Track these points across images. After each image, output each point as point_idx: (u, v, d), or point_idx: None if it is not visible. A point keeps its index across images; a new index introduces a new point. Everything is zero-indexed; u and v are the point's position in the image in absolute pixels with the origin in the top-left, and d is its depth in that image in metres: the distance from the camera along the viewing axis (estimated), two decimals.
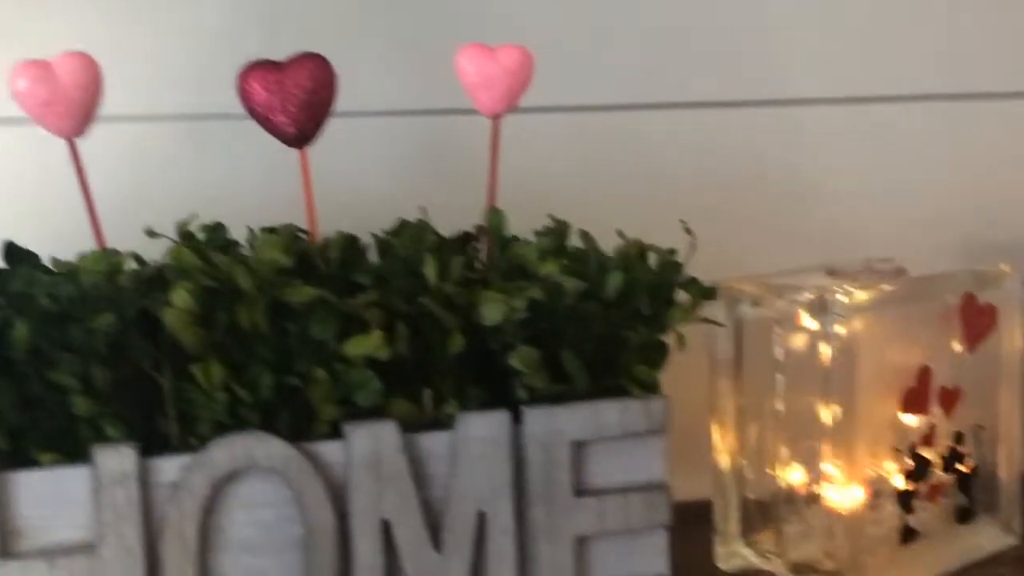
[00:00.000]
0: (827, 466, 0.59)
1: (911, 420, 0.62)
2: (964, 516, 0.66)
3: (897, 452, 0.61)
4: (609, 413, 0.58)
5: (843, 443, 0.58)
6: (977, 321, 0.65)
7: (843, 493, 0.59)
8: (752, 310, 0.63)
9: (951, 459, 0.65)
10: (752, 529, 0.65)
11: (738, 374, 0.64)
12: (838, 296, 0.58)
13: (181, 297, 0.52)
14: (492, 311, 0.54)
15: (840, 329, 0.58)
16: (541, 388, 0.55)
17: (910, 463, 0.62)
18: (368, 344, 0.53)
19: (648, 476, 0.59)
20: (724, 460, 0.66)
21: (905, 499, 0.62)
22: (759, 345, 0.64)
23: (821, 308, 0.58)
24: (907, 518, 0.62)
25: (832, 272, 0.65)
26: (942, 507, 0.65)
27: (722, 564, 0.66)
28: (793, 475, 0.62)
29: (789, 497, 0.63)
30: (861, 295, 0.59)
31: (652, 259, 0.61)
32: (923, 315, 0.64)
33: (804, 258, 0.70)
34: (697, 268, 0.65)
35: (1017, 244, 0.78)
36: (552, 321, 0.56)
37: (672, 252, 0.61)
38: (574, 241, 0.63)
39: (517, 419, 0.57)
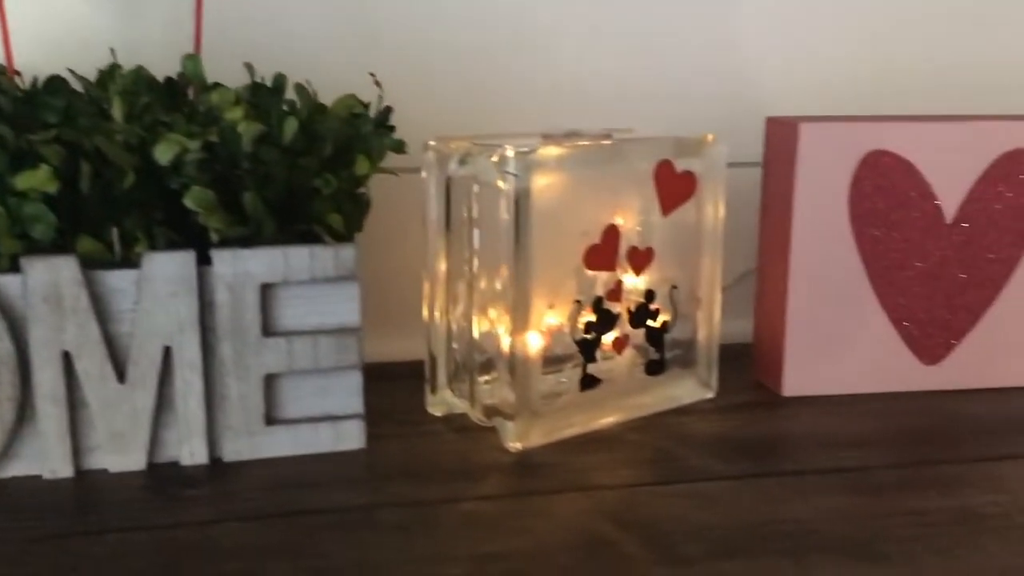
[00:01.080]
0: (507, 316, 0.63)
1: (600, 276, 0.66)
2: (654, 368, 0.71)
3: (579, 304, 0.65)
4: (298, 258, 0.61)
5: (521, 293, 0.62)
6: (673, 187, 0.69)
7: (522, 341, 0.63)
8: (460, 168, 0.65)
9: (640, 315, 0.70)
10: (458, 379, 0.69)
11: (447, 233, 0.67)
12: (517, 153, 0.61)
13: None
14: (164, 151, 0.55)
15: (518, 185, 0.60)
16: (221, 229, 0.57)
17: (594, 316, 0.67)
18: (36, 179, 0.54)
19: (340, 320, 0.63)
20: (435, 316, 0.69)
21: (587, 348, 0.67)
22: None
23: (502, 165, 0.61)
24: (588, 367, 0.67)
25: (545, 136, 0.68)
26: (631, 359, 0.70)
27: (431, 410, 0.70)
28: (487, 327, 0.66)
29: (484, 348, 0.67)
30: (543, 153, 0.62)
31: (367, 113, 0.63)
32: (617, 178, 0.67)
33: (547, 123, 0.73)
34: (433, 128, 0.68)
35: (755, 115, 0.81)
36: (233, 164, 0.57)
37: (365, 105, 0.63)
38: (290, 94, 0.65)
39: (208, 261, 0.60)
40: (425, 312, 0.69)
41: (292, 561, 0.51)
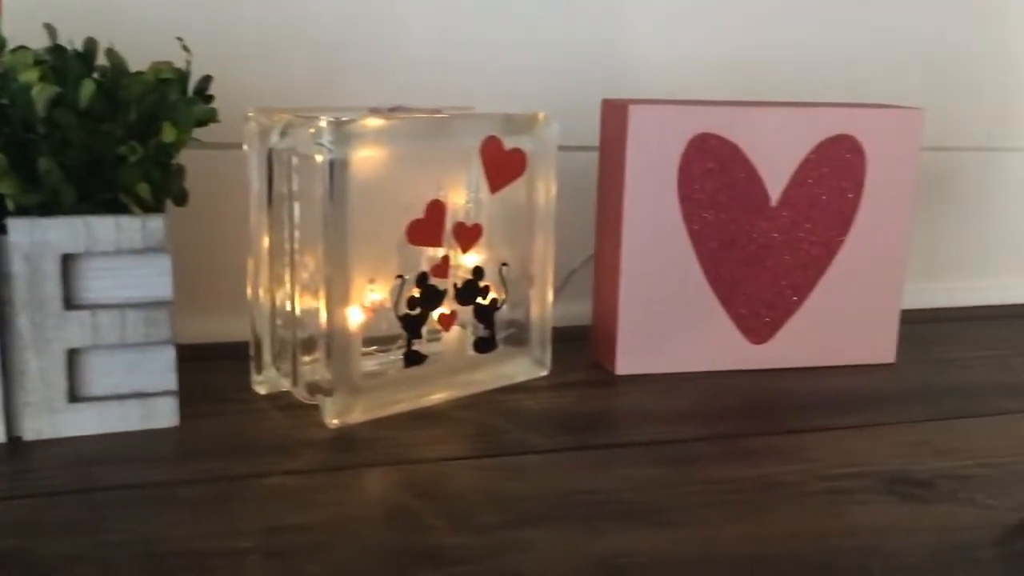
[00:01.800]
0: (326, 290, 0.62)
1: (425, 252, 0.66)
2: (483, 346, 0.71)
3: (402, 279, 0.65)
4: (103, 228, 0.58)
5: (337, 268, 0.61)
6: (502, 165, 0.69)
7: (340, 316, 0.62)
8: (281, 141, 0.64)
9: (468, 291, 0.70)
10: (283, 357, 0.68)
11: (269, 208, 0.65)
12: (331, 124, 0.60)
13: None
14: None
15: (333, 157, 0.59)
16: (13, 195, 0.55)
17: (418, 292, 0.66)
18: None
19: (149, 294, 0.61)
20: (260, 294, 0.67)
21: (411, 324, 0.66)
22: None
23: (317, 136, 0.60)
24: (414, 343, 0.67)
25: (372, 110, 0.67)
26: (460, 336, 0.70)
27: (256, 388, 0.69)
28: (310, 304, 0.65)
29: (306, 325, 0.66)
30: (360, 125, 0.61)
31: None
32: (443, 154, 0.67)
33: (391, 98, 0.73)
34: (268, 101, 0.67)
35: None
36: (27, 128, 0.55)
37: (180, 72, 0.61)
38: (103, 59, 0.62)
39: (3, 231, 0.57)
40: (249, 290, 0.68)
41: (74, 538, 0.49)
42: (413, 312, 0.66)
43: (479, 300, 0.70)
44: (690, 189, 0.74)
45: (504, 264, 0.71)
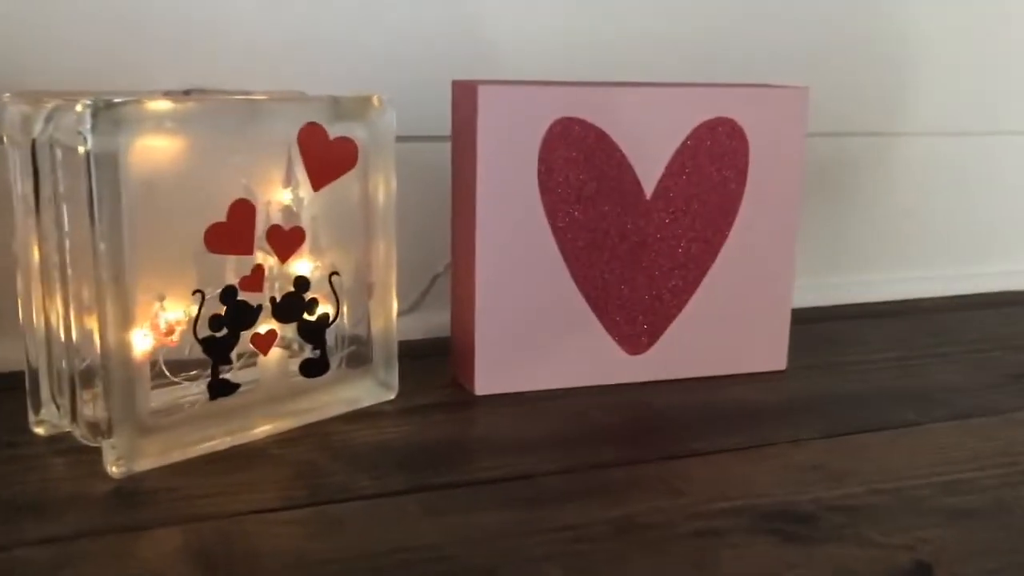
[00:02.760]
0: (99, 311, 0.51)
1: (230, 261, 0.56)
2: (312, 369, 0.61)
3: (201, 295, 0.54)
4: None
5: (113, 283, 0.50)
6: (326, 157, 0.59)
7: (119, 342, 0.51)
8: (45, 130, 0.53)
9: (289, 307, 0.59)
10: (61, 391, 0.57)
11: (36, 211, 0.54)
12: (96, 108, 0.48)
13: None
14: None
15: (98, 148, 0.49)
16: None
17: (222, 309, 0.56)
18: None
19: None
20: (32, 315, 0.56)
21: (215, 348, 0.56)
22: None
23: (79, 122, 0.49)
24: (221, 370, 0.56)
25: (166, 93, 0.57)
26: (281, 359, 0.59)
27: (36, 429, 0.57)
28: (88, 326, 0.54)
29: (85, 351, 0.55)
30: (134, 110, 0.50)
31: None
32: (253, 144, 0.56)
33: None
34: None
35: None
36: None
37: None
38: None
39: None
40: (21, 312, 0.57)
41: None
42: (218, 334, 0.55)
43: (305, 316, 0.60)
44: (552, 182, 0.65)
45: (335, 273, 0.61)
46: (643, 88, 0.67)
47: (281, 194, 0.57)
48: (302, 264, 0.59)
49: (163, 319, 0.53)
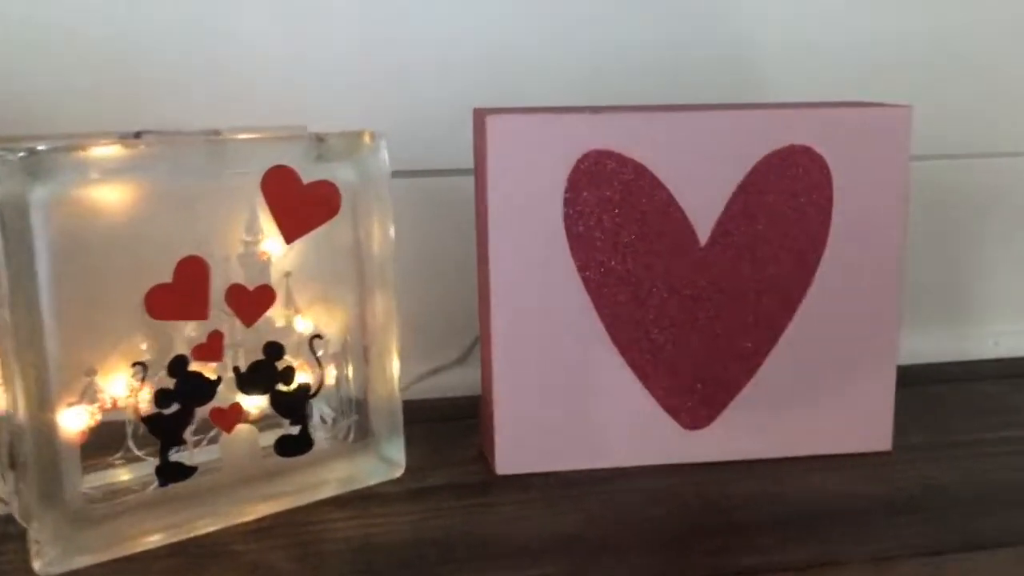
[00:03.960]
0: (8, 386, 0.44)
1: (181, 327, 0.48)
2: (290, 447, 0.52)
3: (142, 367, 0.47)
4: None
5: (33, 352, 0.44)
6: (299, 204, 0.51)
7: (41, 422, 0.45)
8: None
9: (257, 376, 0.51)
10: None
11: None
12: (2, 158, 0.42)
13: None
14: None
15: (7, 197, 0.42)
16: None
17: (171, 382, 0.48)
18: None
19: None
20: None
21: (163, 427, 0.48)
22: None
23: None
24: (172, 452, 0.49)
25: (121, 136, 0.50)
26: (249, 437, 0.51)
27: None
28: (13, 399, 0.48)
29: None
30: (59, 157, 0.44)
31: None
32: (215, 191, 0.49)
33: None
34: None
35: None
36: None
37: None
38: None
39: None
40: None
41: None
42: (166, 411, 0.48)
43: (280, 387, 0.52)
44: (582, 227, 0.55)
45: (316, 336, 0.53)
46: (694, 113, 0.56)
47: (242, 248, 0.50)
48: (305, 321, 0.52)
49: (108, 393, 0.47)
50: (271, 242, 0.51)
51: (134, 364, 0.47)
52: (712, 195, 0.56)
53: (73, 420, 0.46)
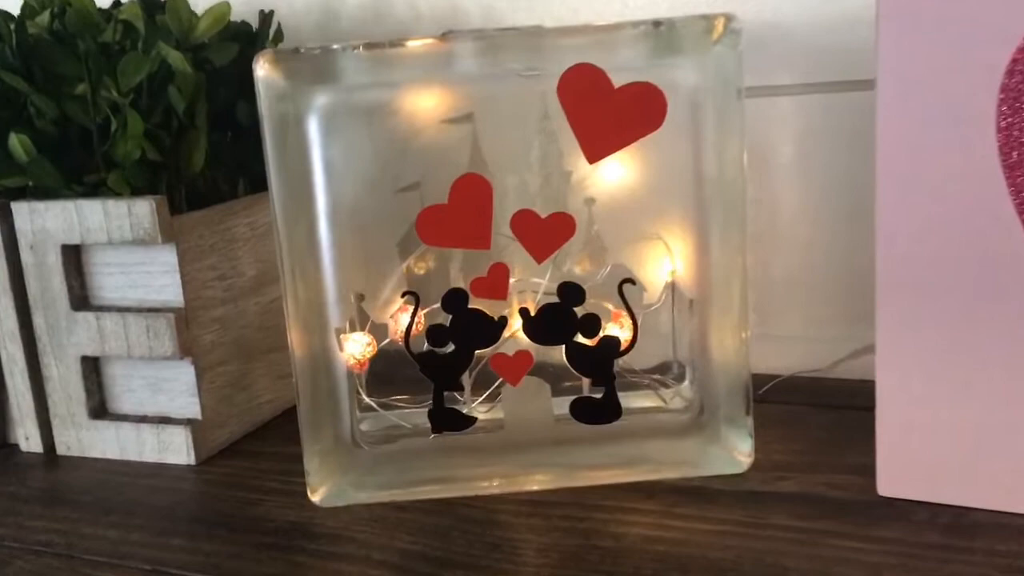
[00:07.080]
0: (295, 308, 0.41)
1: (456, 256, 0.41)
2: (589, 413, 0.42)
3: (414, 298, 0.41)
4: (91, 214, 0.47)
5: (312, 271, 0.41)
6: (607, 113, 0.38)
7: (320, 348, 0.41)
8: None
9: (550, 323, 0.41)
10: None
11: None
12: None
13: None
14: None
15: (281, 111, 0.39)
16: None
17: (446, 319, 0.41)
18: None
19: (150, 297, 0.49)
20: None
21: (435, 367, 0.41)
22: None
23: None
24: (444, 396, 0.42)
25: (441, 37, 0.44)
26: (539, 392, 0.42)
27: None
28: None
29: None
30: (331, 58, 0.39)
31: None
32: (499, 95, 0.41)
33: None
34: None
35: None
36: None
37: None
38: None
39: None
40: None
41: None
42: (440, 350, 0.42)
43: (578, 338, 0.43)
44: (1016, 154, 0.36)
45: (627, 280, 0.42)
46: None
47: (536, 168, 0.42)
48: (587, 264, 0.43)
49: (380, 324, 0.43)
50: (571, 161, 0.42)
51: (404, 293, 0.42)
52: None
53: (349, 348, 0.43)
